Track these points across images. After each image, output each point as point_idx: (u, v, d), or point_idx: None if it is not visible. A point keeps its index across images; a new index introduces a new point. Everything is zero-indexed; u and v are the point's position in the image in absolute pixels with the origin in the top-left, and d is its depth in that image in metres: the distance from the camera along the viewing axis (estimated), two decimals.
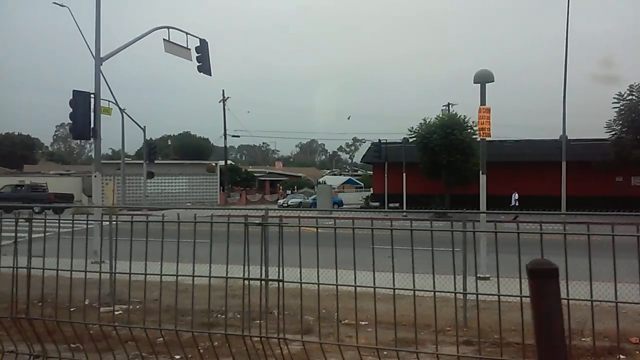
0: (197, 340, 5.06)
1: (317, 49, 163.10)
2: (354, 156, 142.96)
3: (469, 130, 31.44)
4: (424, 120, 32.59)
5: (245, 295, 4.38)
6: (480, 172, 13.06)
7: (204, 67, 19.10)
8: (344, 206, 39.00)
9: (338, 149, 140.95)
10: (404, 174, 32.13)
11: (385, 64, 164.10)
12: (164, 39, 18.10)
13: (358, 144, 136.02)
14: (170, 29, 18.08)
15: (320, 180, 59.81)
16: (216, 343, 5.25)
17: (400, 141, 33.44)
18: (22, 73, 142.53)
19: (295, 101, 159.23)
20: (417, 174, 32.69)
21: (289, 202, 39.25)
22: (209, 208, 33.32)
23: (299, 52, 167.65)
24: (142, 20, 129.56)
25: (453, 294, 4.71)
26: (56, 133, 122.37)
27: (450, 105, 54.92)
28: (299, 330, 5.18)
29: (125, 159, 38.55)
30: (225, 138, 47.43)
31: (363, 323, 7.29)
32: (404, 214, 24.83)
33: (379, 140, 33.85)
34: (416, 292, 4.40)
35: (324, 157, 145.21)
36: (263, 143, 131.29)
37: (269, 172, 59.63)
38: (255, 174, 55.72)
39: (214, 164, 51.82)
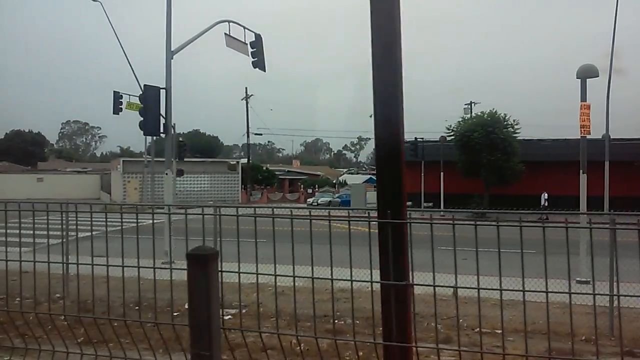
0: (339, 350, 4.59)
1: (320, 47, 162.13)
2: (359, 155, 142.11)
3: (509, 129, 30.93)
4: (462, 118, 32.08)
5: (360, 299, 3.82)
6: (581, 171, 12.68)
7: (259, 62, 18.58)
8: (370, 204, 38.50)
9: (343, 148, 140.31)
10: (442, 173, 31.62)
11: None
12: (225, 34, 17.61)
13: (363, 142, 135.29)
14: (230, 23, 17.63)
15: (340, 179, 59.33)
16: (361, 353, 4.75)
17: (438, 140, 32.92)
18: (27, 70, 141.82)
19: (302, 99, 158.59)
20: (452, 173, 32.18)
21: (318, 201, 38.72)
22: (250, 206, 32.67)
23: (303, 50, 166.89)
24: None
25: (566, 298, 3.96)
26: (62, 130, 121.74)
27: (473, 104, 54.43)
28: (433, 338, 4.63)
29: (148, 156, 37.92)
30: (248, 136, 46.90)
31: (497, 332, 6.80)
32: (442, 213, 24.27)
33: (415, 138, 33.28)
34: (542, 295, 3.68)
35: (328, 155, 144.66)
36: (268, 142, 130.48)
37: (287, 171, 59.10)
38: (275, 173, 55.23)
39: (235, 162, 51.26)
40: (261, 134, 50.22)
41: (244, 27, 18.06)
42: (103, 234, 4.36)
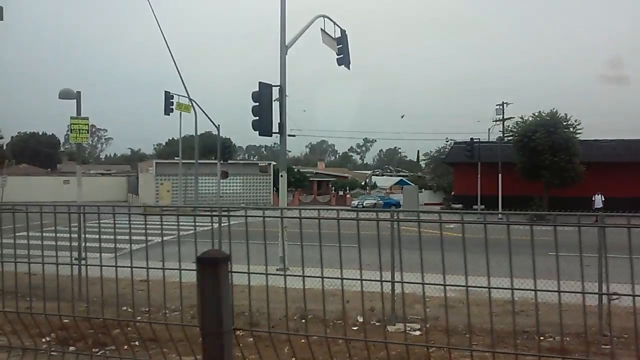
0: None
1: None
2: (364, 157, 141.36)
3: (570, 129, 30.19)
4: (521, 118, 31.32)
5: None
6: None
7: (345, 59, 17.77)
8: (422, 207, 37.66)
9: (349, 150, 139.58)
10: (500, 175, 30.82)
11: (392, 64, 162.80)
12: (321, 29, 16.87)
13: (369, 144, 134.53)
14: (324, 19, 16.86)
15: (368, 180, 58.56)
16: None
17: (495, 141, 32.16)
18: (32, 71, 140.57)
19: (307, 99, 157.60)
20: (509, 175, 31.40)
21: (364, 204, 37.90)
22: (296, 208, 31.93)
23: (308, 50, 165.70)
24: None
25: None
26: (68, 132, 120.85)
27: (505, 104, 53.70)
28: None
29: (184, 159, 37.10)
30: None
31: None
32: (499, 216, 23.43)
33: (471, 139, 32.49)
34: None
35: (333, 157, 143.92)
36: (274, 144, 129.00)
37: (315, 173, 58.26)
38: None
39: (266, 164, 50.47)
40: (294, 135, 49.22)
41: (334, 23, 17.26)
42: (177, 238, 4.22)
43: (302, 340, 5.19)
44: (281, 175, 14.15)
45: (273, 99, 13.93)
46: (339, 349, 4.94)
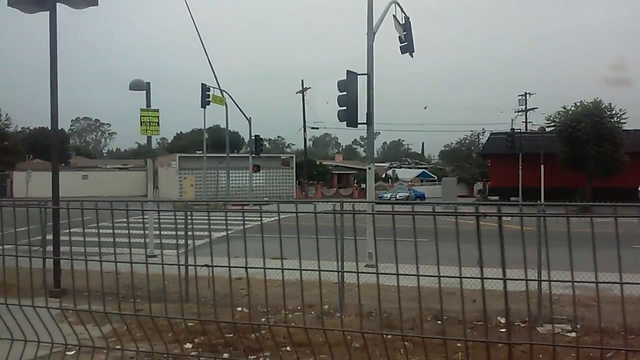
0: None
1: (324, 42, 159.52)
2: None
3: (615, 119, 29.61)
4: (564, 108, 30.68)
5: None
6: None
7: (409, 47, 17.11)
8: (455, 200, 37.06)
9: (352, 142, 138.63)
10: (542, 166, 30.26)
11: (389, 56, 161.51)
12: (393, 16, 16.19)
13: (374, 137, 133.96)
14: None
15: (389, 173, 57.98)
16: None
17: (538, 131, 31.57)
18: (34, 66, 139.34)
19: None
20: (551, 166, 30.82)
21: (397, 196, 37.34)
22: (338, 201, 31.34)
23: (304, 45, 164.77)
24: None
25: None
26: (71, 127, 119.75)
27: (528, 94, 53.08)
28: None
29: (208, 154, 36.53)
30: (304, 130, 45.46)
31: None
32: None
33: (512, 129, 31.87)
34: None
35: (336, 150, 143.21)
36: (278, 137, 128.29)
37: (335, 165, 57.61)
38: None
39: (289, 157, 49.82)
40: (317, 128, 48.70)
41: (402, 9, 16.57)
42: (238, 233, 4.26)
43: (459, 344, 5.07)
44: (369, 168, 13.55)
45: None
46: (497, 355, 4.58)
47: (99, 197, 8.10)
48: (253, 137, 34.04)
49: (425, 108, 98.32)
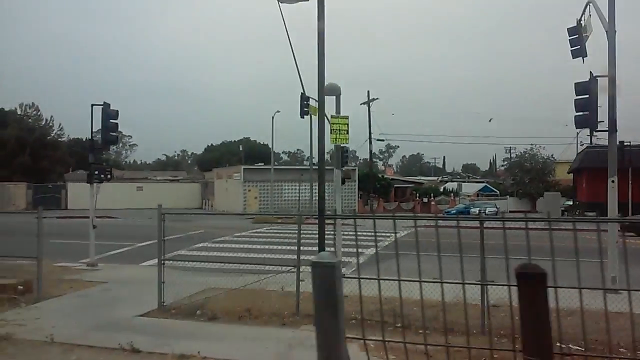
0: None
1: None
2: (387, 162, 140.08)
3: None
4: None
5: None
6: None
7: (582, 51, 15.52)
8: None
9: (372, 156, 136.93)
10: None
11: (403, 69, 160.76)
12: (577, 20, 14.72)
13: (392, 150, 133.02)
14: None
15: (449, 187, 56.29)
16: None
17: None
18: (57, 74, 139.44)
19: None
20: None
21: (486, 211, 35.58)
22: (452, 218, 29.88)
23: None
24: None
25: None
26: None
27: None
28: None
29: (260, 163, 35.03)
30: (370, 142, 43.94)
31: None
32: None
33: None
34: None
35: (354, 163, 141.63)
36: (297, 149, 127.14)
37: (391, 179, 56.03)
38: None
39: (351, 170, 48.22)
40: (383, 140, 47.19)
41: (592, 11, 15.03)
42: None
43: None
44: (612, 181, 11.87)
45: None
46: None
47: (167, 209, 8.04)
48: (334, 149, 32.39)
49: (490, 120, 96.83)
